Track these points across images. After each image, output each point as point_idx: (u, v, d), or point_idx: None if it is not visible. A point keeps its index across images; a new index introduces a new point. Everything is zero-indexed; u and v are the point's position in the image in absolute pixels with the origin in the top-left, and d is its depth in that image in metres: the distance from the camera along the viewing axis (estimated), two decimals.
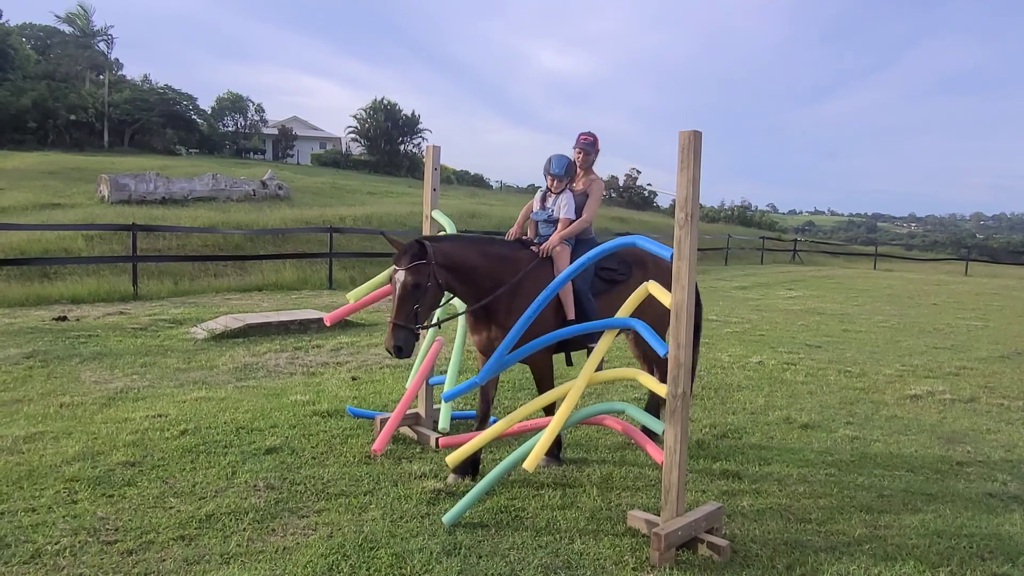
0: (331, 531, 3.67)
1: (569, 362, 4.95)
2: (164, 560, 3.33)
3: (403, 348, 3.98)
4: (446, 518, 3.78)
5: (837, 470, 4.89)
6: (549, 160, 4.78)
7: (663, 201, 63.26)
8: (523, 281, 4.44)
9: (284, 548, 3.47)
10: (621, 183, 63.39)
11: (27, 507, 3.80)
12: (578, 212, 4.77)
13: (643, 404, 5.88)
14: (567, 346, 4.73)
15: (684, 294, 3.50)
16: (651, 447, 3.84)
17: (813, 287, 19.81)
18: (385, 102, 56.21)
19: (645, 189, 63.28)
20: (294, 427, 5.27)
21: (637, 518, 3.81)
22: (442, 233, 5.25)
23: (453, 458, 3.93)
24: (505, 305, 4.40)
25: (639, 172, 64.13)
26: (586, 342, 4.67)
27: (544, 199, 4.87)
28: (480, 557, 3.46)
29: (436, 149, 5.42)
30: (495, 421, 5.18)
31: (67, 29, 51.44)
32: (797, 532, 3.90)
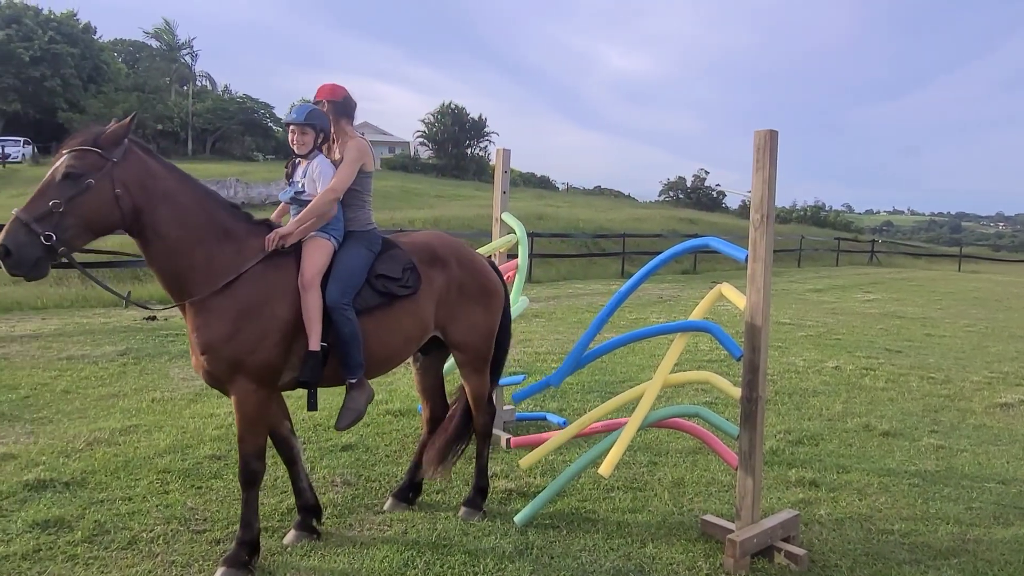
0: (405, 528, 3.76)
1: (312, 406, 3.53)
2: None
3: (11, 251, 2.80)
4: (518, 518, 3.82)
5: (921, 480, 4.70)
6: (291, 107, 3.81)
7: (732, 202, 61.96)
8: (236, 283, 3.21)
9: (361, 542, 3.58)
10: (689, 184, 62.37)
11: (124, 496, 4.03)
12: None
13: (717, 408, 5.79)
14: (310, 383, 3.42)
15: (760, 297, 3.44)
16: (725, 452, 3.79)
17: (892, 290, 19.02)
18: (453, 106, 56.96)
19: (714, 190, 62.08)
20: (368, 425, 5.42)
21: (711, 524, 3.76)
22: (507, 237, 5.28)
23: (527, 460, 3.97)
24: (197, 307, 3.20)
25: (707, 172, 63.04)
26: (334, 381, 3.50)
27: (294, 170, 3.68)
28: (552, 558, 3.49)
29: (506, 152, 5.48)
30: (565, 423, 5.21)
31: (154, 44, 54.12)
32: (879, 543, 3.77)
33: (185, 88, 51.97)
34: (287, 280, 3.32)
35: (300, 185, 3.57)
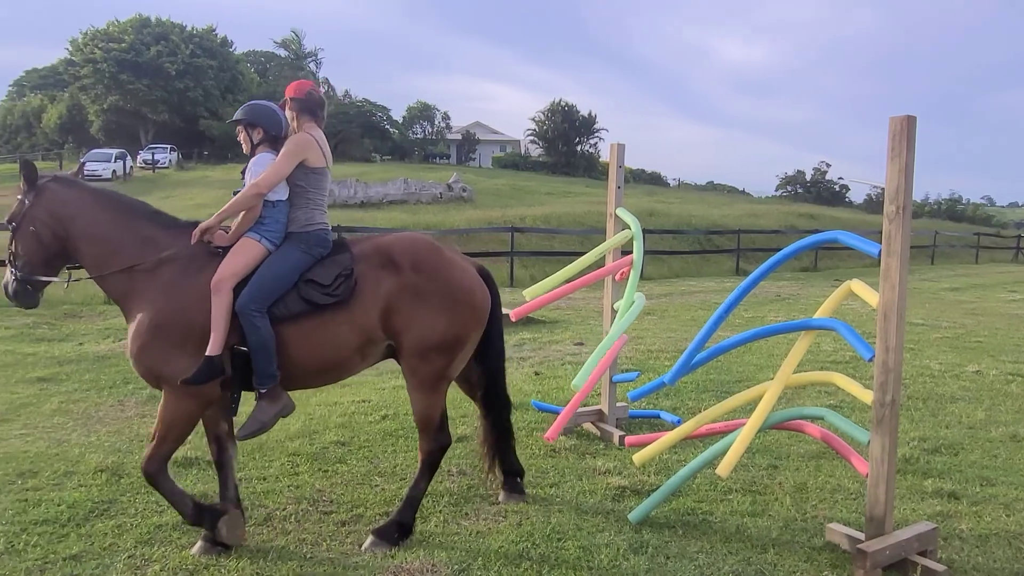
0: (520, 520, 3.81)
1: (233, 410, 3.53)
2: None
3: (4, 288, 3.50)
4: (633, 516, 3.79)
5: None
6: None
7: (856, 196, 58.50)
8: (144, 275, 3.34)
9: (477, 532, 3.66)
10: (809, 177, 59.43)
11: (259, 476, 4.32)
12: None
13: (843, 411, 5.49)
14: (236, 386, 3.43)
15: (895, 293, 3.24)
16: (855, 458, 3.59)
17: None
18: (563, 104, 56.99)
19: (836, 183, 58.85)
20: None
21: (837, 532, 3.58)
22: (622, 233, 5.23)
23: (640, 457, 3.92)
24: (126, 315, 3.41)
25: (829, 165, 59.97)
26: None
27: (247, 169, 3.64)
28: (668, 558, 3.43)
29: (620, 147, 5.43)
30: (680, 422, 5.11)
31: (283, 53, 57.41)
32: None
33: None
34: (208, 285, 3.28)
35: (244, 184, 3.55)
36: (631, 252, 5.20)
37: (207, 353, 3.24)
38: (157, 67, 45.75)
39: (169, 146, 43.17)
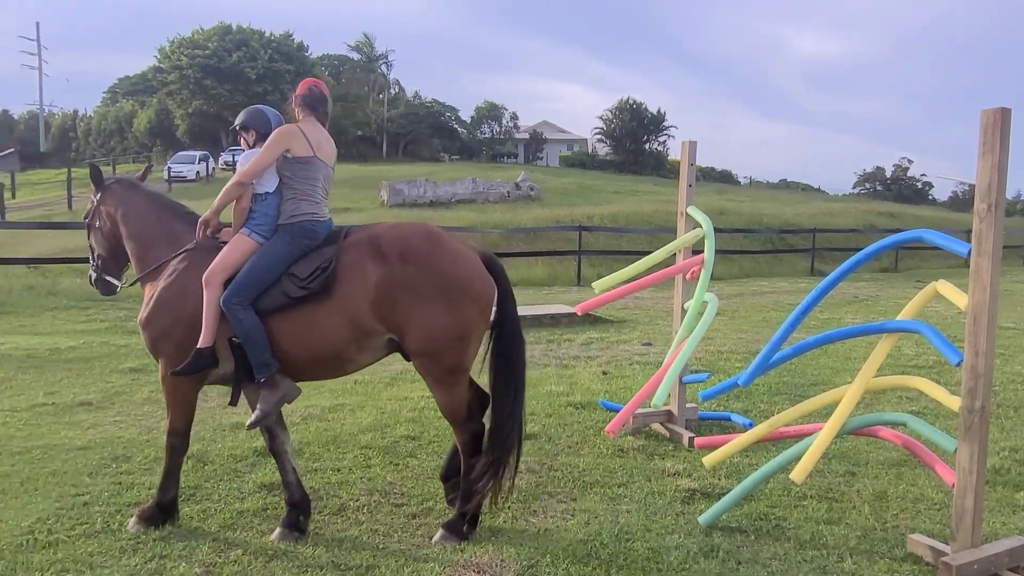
0: (588, 519, 3.81)
1: (233, 401, 3.68)
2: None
3: (91, 281, 4.05)
4: (703, 519, 3.73)
5: None
6: None
7: (941, 193, 55.82)
8: (162, 277, 3.62)
9: (545, 529, 3.68)
10: (889, 174, 57.03)
11: (333, 467, 4.45)
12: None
13: (925, 418, 5.25)
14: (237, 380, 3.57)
15: (986, 295, 3.09)
16: (940, 466, 3.44)
17: None
18: (631, 102, 56.45)
19: (919, 180, 56.26)
20: (550, 416, 5.54)
21: (920, 543, 3.44)
22: (693, 232, 5.15)
23: (711, 459, 3.86)
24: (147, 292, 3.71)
25: (910, 162, 57.43)
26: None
27: None
28: (739, 563, 3.37)
29: (692, 144, 5.35)
30: (751, 425, 5.00)
31: (355, 56, 58.81)
32: None
33: (381, 96, 56.00)
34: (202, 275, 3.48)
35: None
36: (702, 251, 5.12)
37: (198, 345, 3.40)
38: (238, 72, 47.64)
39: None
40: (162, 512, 3.61)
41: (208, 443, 4.81)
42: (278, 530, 3.54)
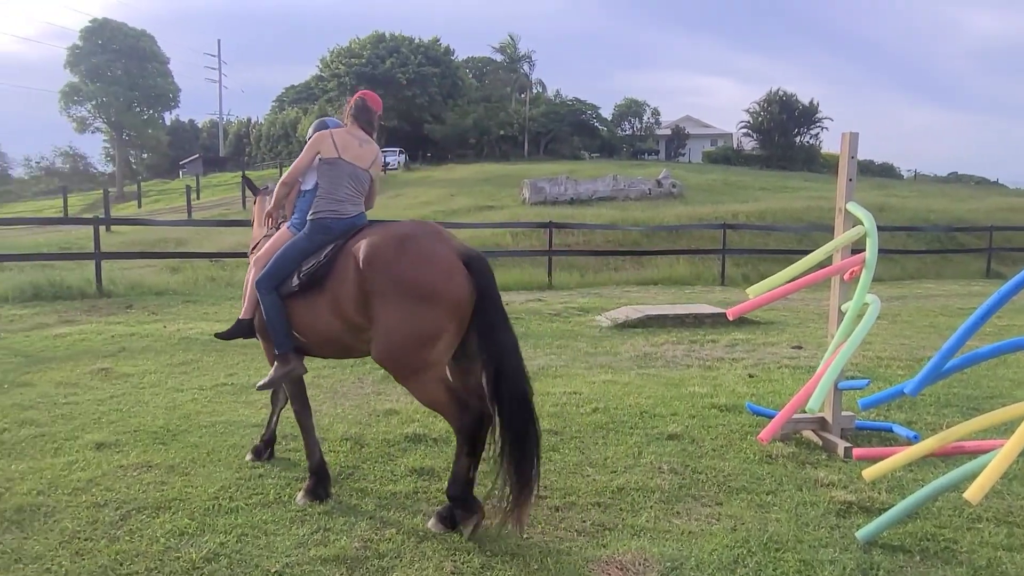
0: (734, 524, 3.70)
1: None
2: (584, 521, 3.74)
3: None
4: (861, 534, 3.52)
5: None
6: None
7: None
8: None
9: (689, 532, 3.62)
10: None
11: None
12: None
13: None
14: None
15: None
16: None
17: None
18: (780, 93, 53.72)
19: None
20: (693, 417, 5.43)
21: None
22: (855, 229, 4.85)
23: (872, 472, 3.64)
24: None
25: None
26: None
27: None
28: None
29: (853, 136, 5.04)
30: (917, 438, 4.65)
31: (499, 57, 60.12)
32: None
33: (523, 96, 56.89)
34: None
35: None
36: (861, 250, 4.82)
37: (240, 316, 4.19)
38: (390, 78, 50.19)
39: (398, 149, 47.13)
40: (319, 480, 3.95)
41: (364, 427, 5.13)
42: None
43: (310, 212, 3.98)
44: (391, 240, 3.58)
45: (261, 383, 4.07)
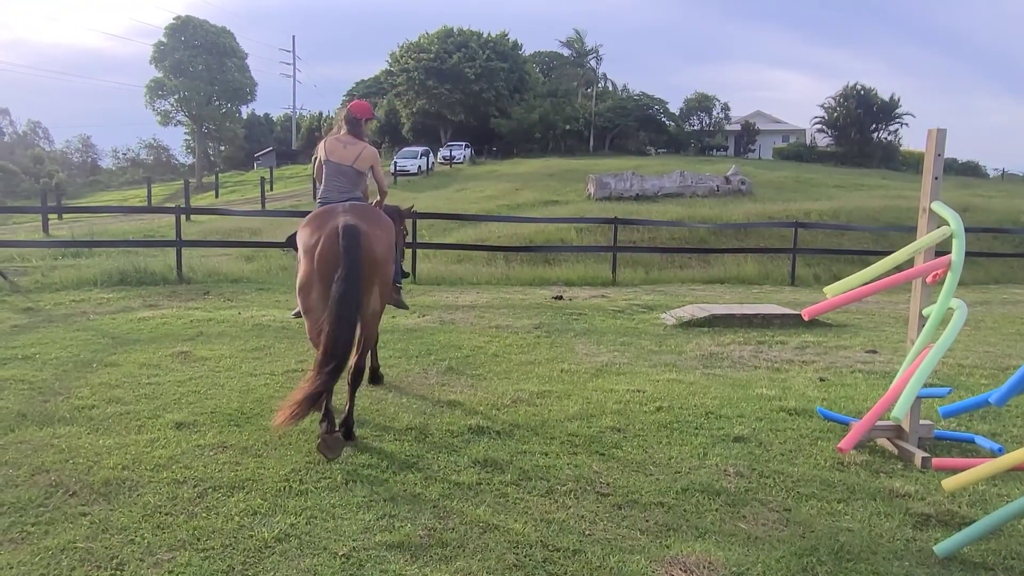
0: (803, 531, 3.60)
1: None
2: (647, 520, 3.70)
3: None
4: (940, 548, 3.38)
5: None
6: None
7: None
8: None
9: (755, 537, 3.54)
10: None
11: (541, 451, 4.62)
12: None
13: None
14: None
15: None
16: None
17: None
18: (858, 87, 51.77)
19: None
20: (760, 420, 5.31)
21: None
22: (940, 230, 4.64)
23: (952, 483, 3.48)
24: None
25: None
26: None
27: None
28: None
29: (940, 133, 4.82)
30: (1002, 450, 4.43)
31: (566, 52, 59.85)
32: None
33: (589, 91, 56.50)
34: None
35: None
36: (946, 252, 4.61)
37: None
38: (458, 72, 50.61)
39: (464, 143, 47.51)
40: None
41: (428, 417, 5.21)
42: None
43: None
44: (314, 214, 4.78)
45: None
